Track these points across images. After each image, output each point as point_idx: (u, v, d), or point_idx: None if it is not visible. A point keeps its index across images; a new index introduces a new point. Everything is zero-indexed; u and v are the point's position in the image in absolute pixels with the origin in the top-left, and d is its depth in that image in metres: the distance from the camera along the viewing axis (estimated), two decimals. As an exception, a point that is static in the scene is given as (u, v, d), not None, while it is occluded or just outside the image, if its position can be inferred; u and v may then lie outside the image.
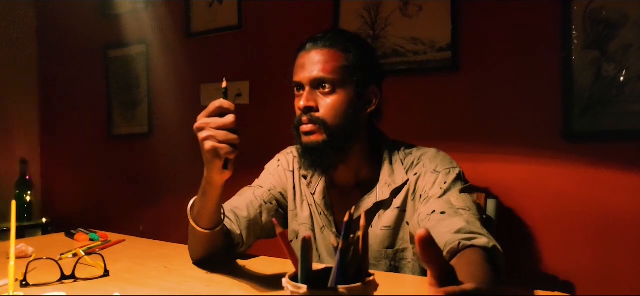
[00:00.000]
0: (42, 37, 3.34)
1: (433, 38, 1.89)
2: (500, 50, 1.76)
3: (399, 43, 1.97)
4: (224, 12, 2.48)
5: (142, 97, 2.83)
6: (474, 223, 0.95)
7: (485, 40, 1.79)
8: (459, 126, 1.85)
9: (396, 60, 1.97)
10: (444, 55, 1.87)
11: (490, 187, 1.66)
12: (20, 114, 3.28)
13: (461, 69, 1.83)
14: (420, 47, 1.92)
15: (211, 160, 0.93)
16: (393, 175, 1.17)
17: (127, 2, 2.86)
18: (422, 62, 1.92)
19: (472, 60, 1.81)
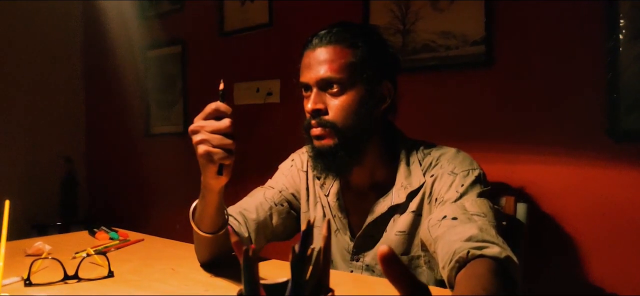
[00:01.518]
0: (87, 38, 3.45)
1: (465, 32, 1.79)
2: (538, 42, 1.64)
3: (430, 38, 1.87)
4: (255, 10, 2.46)
5: (178, 96, 2.86)
6: (487, 231, 0.86)
7: (521, 32, 1.68)
8: (492, 124, 1.74)
9: (427, 55, 1.88)
10: (477, 49, 1.76)
11: (524, 189, 1.55)
12: (66, 114, 3.39)
13: (495, 63, 1.72)
14: (452, 41, 1.82)
15: (205, 165, 0.89)
16: (410, 176, 1.10)
17: (164, 3, 2.91)
18: (454, 57, 1.82)
19: (507, 54, 1.70)
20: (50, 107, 3.27)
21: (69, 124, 3.40)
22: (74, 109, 3.43)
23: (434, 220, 0.96)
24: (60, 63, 3.34)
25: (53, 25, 3.28)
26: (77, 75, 3.45)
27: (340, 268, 1.17)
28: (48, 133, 3.26)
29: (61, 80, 3.35)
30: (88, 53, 3.46)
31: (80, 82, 3.46)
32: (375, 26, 1.14)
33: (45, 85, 3.24)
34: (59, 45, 3.33)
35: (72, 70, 3.42)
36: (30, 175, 3.16)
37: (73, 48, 3.42)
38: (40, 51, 3.20)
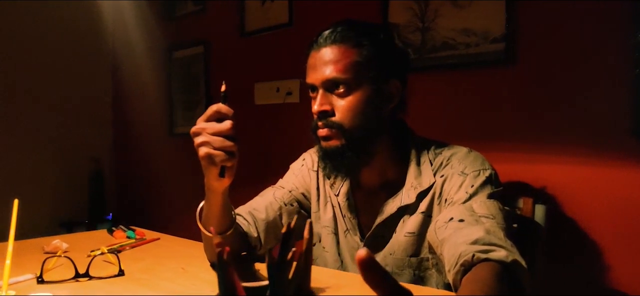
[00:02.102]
0: (116, 39, 3.53)
1: (486, 28, 1.75)
2: (560, 38, 1.59)
3: (450, 35, 1.84)
4: (275, 10, 2.46)
5: (201, 96, 2.89)
6: (495, 233, 0.84)
7: (543, 28, 1.62)
8: (511, 123, 1.70)
9: (446, 53, 1.84)
10: (498, 46, 1.72)
11: (544, 190, 1.50)
12: (95, 114, 3.47)
13: (517, 61, 1.68)
14: (473, 38, 1.78)
15: (207, 167, 0.90)
16: (420, 176, 1.07)
17: (188, 4, 2.94)
18: (474, 54, 1.78)
19: (528, 51, 1.65)
20: (79, 108, 3.35)
21: (97, 124, 3.48)
22: (102, 110, 3.51)
23: (440, 221, 0.94)
24: (89, 64, 3.42)
25: (83, 26, 3.36)
26: (106, 76, 3.52)
27: (350, 269, 1.15)
28: (77, 134, 3.34)
29: (90, 82, 3.43)
30: (116, 54, 3.53)
31: (108, 83, 3.54)
32: (380, 24, 1.11)
33: (75, 87, 3.32)
34: (89, 46, 3.41)
35: (101, 72, 3.50)
36: (59, 174, 3.25)
37: (102, 49, 3.50)
38: (70, 52, 3.28)
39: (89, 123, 3.42)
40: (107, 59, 3.53)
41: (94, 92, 3.46)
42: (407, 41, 1.95)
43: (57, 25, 3.21)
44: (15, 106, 3.04)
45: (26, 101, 3.09)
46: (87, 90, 3.40)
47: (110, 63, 3.55)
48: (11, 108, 3.02)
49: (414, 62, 1.92)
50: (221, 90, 0.94)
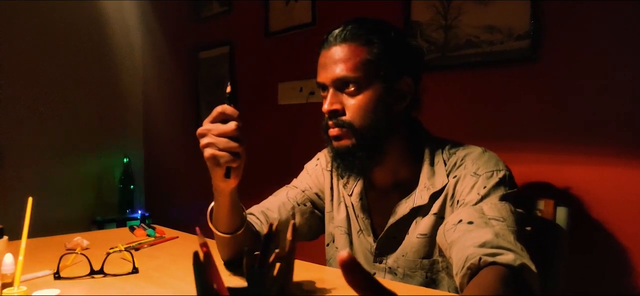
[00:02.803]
0: (146, 41, 3.60)
1: (510, 25, 1.70)
2: (588, 35, 1.53)
3: (473, 33, 1.80)
4: (299, 9, 2.46)
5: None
6: (504, 236, 0.81)
7: (570, 24, 1.57)
8: (535, 123, 1.65)
9: (470, 51, 1.80)
10: (523, 44, 1.67)
11: (569, 191, 1.45)
12: (126, 115, 3.55)
13: (542, 58, 1.63)
14: (497, 36, 1.74)
15: (212, 168, 0.90)
16: (433, 177, 1.05)
17: (214, 4, 2.98)
18: (498, 52, 1.73)
19: (554, 48, 1.60)
20: (111, 109, 3.44)
21: (128, 125, 3.56)
22: (132, 109, 3.58)
23: (449, 224, 0.91)
24: (120, 65, 3.50)
25: (114, 27, 3.45)
26: (136, 77, 3.60)
27: None
28: (109, 134, 3.43)
29: (121, 82, 3.52)
30: (145, 55, 3.61)
31: (139, 83, 3.62)
32: (391, 22, 1.09)
33: (107, 87, 3.41)
34: (120, 47, 3.50)
35: (132, 72, 3.58)
36: (92, 173, 3.34)
37: (132, 50, 3.58)
38: (102, 53, 3.37)
39: (120, 123, 3.51)
40: (138, 60, 3.61)
41: (124, 93, 3.54)
42: (430, 39, 1.92)
43: (89, 26, 3.30)
44: (49, 107, 3.14)
45: (59, 102, 3.18)
46: (118, 90, 3.48)
47: (141, 64, 3.62)
48: (45, 108, 3.12)
49: (436, 60, 1.89)
50: (226, 91, 0.94)
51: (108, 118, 3.42)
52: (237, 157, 0.88)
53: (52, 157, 3.13)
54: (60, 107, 3.19)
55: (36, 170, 3.05)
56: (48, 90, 3.13)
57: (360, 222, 1.15)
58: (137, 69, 3.61)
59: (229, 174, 0.91)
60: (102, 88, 3.38)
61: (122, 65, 3.50)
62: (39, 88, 3.10)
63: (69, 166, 3.21)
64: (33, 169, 3.04)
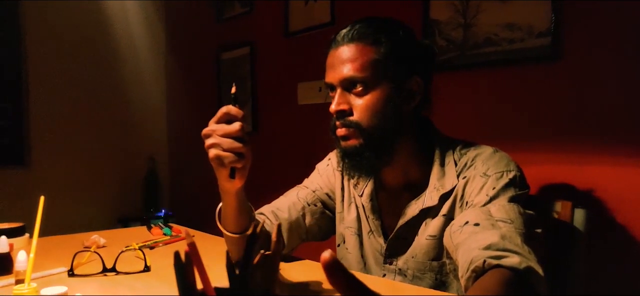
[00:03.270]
0: (169, 43, 3.66)
1: (531, 22, 1.66)
2: (610, 32, 1.48)
3: (493, 31, 1.76)
4: (318, 9, 2.46)
5: (247, 97, 2.94)
6: (511, 239, 0.79)
7: (593, 21, 1.52)
8: (556, 122, 1.60)
9: (489, 50, 1.77)
10: (544, 41, 1.63)
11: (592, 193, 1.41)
12: (151, 115, 3.61)
13: (563, 57, 1.58)
14: (517, 33, 1.70)
15: (217, 169, 0.90)
16: (443, 178, 1.03)
17: (236, 5, 3.00)
18: (517, 50, 1.70)
19: (576, 46, 1.56)
20: (136, 109, 3.51)
21: (153, 125, 3.62)
22: (156, 110, 3.64)
23: (456, 225, 0.89)
24: (146, 67, 3.57)
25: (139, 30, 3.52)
26: (160, 78, 3.66)
27: (373, 271, 1.13)
28: (134, 134, 3.49)
29: (147, 83, 3.58)
30: (169, 56, 3.66)
31: (163, 84, 3.67)
32: (400, 21, 1.07)
33: (132, 88, 3.47)
34: (145, 50, 3.56)
35: (156, 74, 3.64)
36: (117, 173, 3.41)
37: (158, 52, 3.64)
38: (128, 56, 3.44)
39: (145, 123, 3.57)
40: (162, 61, 3.67)
41: (149, 93, 3.60)
42: (448, 38, 1.89)
43: (114, 28, 3.37)
44: (76, 108, 3.22)
45: (86, 103, 3.26)
46: (143, 91, 3.55)
47: (164, 65, 3.68)
48: (72, 110, 3.21)
49: (455, 59, 1.87)
50: (231, 92, 0.94)
51: (133, 118, 3.49)
52: (241, 158, 0.89)
53: (78, 157, 3.21)
54: (87, 108, 3.27)
55: (63, 170, 3.13)
56: (74, 92, 3.22)
57: (370, 222, 1.14)
58: (161, 70, 3.67)
59: (233, 175, 0.91)
60: (128, 89, 3.45)
61: (146, 67, 3.57)
62: (66, 90, 3.18)
63: (95, 166, 3.29)
64: (60, 169, 3.12)
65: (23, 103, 3.05)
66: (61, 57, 3.16)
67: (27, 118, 3.06)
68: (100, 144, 3.33)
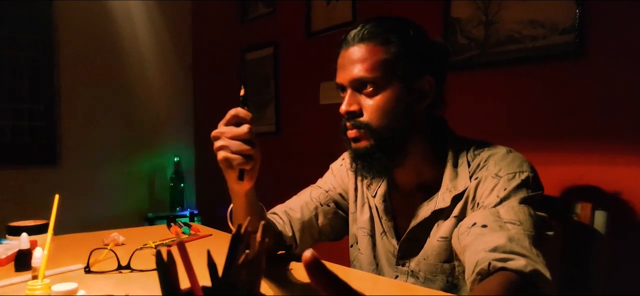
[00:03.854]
0: (196, 41, 3.71)
1: (554, 19, 1.62)
2: (638, 29, 1.43)
3: (515, 28, 1.73)
4: (339, 8, 2.46)
5: (271, 97, 2.96)
6: (519, 241, 0.77)
7: (618, 17, 1.47)
8: (579, 122, 1.56)
9: (511, 47, 1.73)
10: (567, 38, 1.59)
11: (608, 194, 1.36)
12: (178, 116, 3.67)
13: (587, 54, 1.54)
14: (539, 30, 1.66)
15: (225, 170, 0.91)
16: (456, 179, 1.02)
17: (259, 5, 3.02)
18: (540, 48, 1.66)
19: (600, 43, 1.51)
20: (163, 109, 3.57)
21: (180, 125, 3.68)
22: (184, 110, 3.70)
23: (463, 227, 0.88)
24: (173, 67, 3.63)
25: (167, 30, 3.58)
26: (187, 78, 3.72)
27: (386, 273, 1.12)
28: (161, 134, 3.56)
29: (174, 83, 3.64)
30: (196, 57, 3.72)
31: (190, 84, 3.73)
32: (411, 20, 1.06)
33: (160, 89, 3.54)
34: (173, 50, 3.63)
35: (184, 74, 3.70)
36: (145, 172, 3.48)
37: (184, 53, 3.70)
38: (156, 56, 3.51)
39: (172, 123, 3.63)
40: (188, 61, 3.72)
41: (176, 93, 3.66)
42: (470, 36, 1.86)
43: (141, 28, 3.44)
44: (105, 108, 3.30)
45: (114, 103, 3.34)
46: (169, 91, 3.61)
47: (191, 65, 3.74)
48: (101, 110, 3.29)
49: (476, 57, 1.84)
50: (240, 94, 0.94)
51: (160, 118, 3.55)
52: (249, 160, 0.89)
53: (107, 156, 3.29)
54: (116, 109, 3.34)
55: (93, 169, 3.22)
56: (103, 93, 3.30)
57: (383, 223, 1.13)
58: (188, 70, 3.72)
59: (242, 176, 0.92)
60: (155, 90, 3.52)
61: (173, 67, 3.63)
62: (95, 91, 3.26)
63: (123, 165, 3.37)
64: (90, 168, 3.21)
65: (55, 104, 3.15)
66: (90, 58, 3.25)
67: (59, 119, 3.15)
68: (128, 144, 3.40)
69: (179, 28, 3.67)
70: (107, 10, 3.29)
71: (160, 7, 3.51)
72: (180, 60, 3.68)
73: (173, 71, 3.63)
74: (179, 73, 3.68)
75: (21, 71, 3.09)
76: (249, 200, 0.99)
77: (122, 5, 3.35)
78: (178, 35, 3.66)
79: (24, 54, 3.10)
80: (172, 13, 3.61)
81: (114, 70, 3.34)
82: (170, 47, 3.61)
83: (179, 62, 3.67)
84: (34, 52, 3.12)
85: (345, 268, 1.13)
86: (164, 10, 3.54)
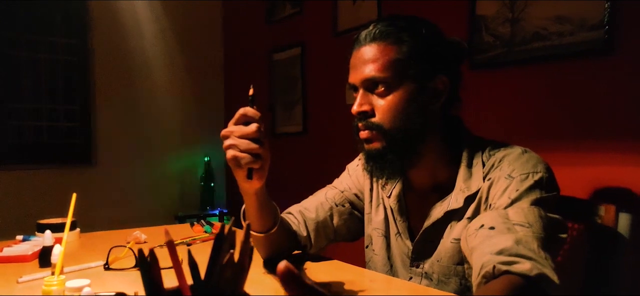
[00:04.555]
0: (227, 43, 3.76)
1: (583, 15, 1.57)
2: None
3: (542, 25, 1.68)
4: (365, 8, 2.45)
5: (298, 97, 2.97)
6: (527, 244, 0.75)
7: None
8: (608, 121, 1.50)
9: (537, 45, 1.69)
10: (596, 34, 1.53)
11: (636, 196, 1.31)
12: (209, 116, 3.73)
13: (617, 50, 1.48)
14: (567, 27, 1.61)
15: (234, 169, 0.92)
16: (469, 179, 0.99)
17: (287, 6, 3.04)
18: (568, 45, 1.61)
19: (630, 38, 1.45)
20: (194, 110, 3.64)
21: (210, 125, 3.74)
22: (214, 110, 3.75)
23: (472, 228, 0.86)
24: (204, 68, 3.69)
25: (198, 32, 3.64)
26: (218, 79, 3.78)
27: (400, 274, 1.11)
28: (193, 134, 3.62)
29: (204, 84, 3.70)
30: (227, 58, 3.77)
31: (220, 85, 3.79)
32: (424, 18, 1.04)
33: (191, 89, 3.61)
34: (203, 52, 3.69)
35: (214, 75, 3.76)
36: (177, 171, 3.55)
37: (215, 54, 3.76)
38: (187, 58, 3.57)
39: (203, 123, 3.69)
40: (218, 62, 3.78)
41: (206, 94, 3.72)
42: (495, 34, 1.82)
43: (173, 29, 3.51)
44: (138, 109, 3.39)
45: (147, 104, 3.42)
46: (200, 92, 3.67)
47: (221, 66, 3.79)
48: (134, 111, 3.37)
49: (502, 56, 1.80)
50: (248, 94, 0.95)
51: (191, 119, 3.62)
52: (258, 159, 0.90)
53: (140, 156, 3.37)
54: (147, 109, 3.42)
55: (125, 169, 3.30)
56: (136, 94, 3.38)
57: (398, 224, 1.11)
58: (218, 71, 3.78)
59: (250, 175, 0.92)
60: (186, 90, 3.58)
61: (204, 68, 3.69)
62: (128, 91, 3.35)
63: (155, 165, 3.44)
64: (122, 168, 3.30)
65: (90, 105, 3.25)
66: (123, 60, 3.33)
67: (94, 120, 3.25)
68: (160, 144, 3.48)
69: (210, 29, 3.72)
70: (140, 13, 3.37)
71: (192, 8, 3.58)
72: (211, 61, 3.74)
73: (204, 72, 3.70)
74: (210, 74, 3.73)
75: (57, 73, 3.21)
76: (260, 199, 0.99)
77: (156, 6, 3.42)
78: (209, 36, 3.72)
79: (61, 57, 3.21)
80: (204, 14, 3.67)
81: (147, 71, 3.42)
82: (201, 48, 3.67)
83: (210, 62, 3.73)
84: (70, 54, 3.23)
85: (359, 268, 1.13)
86: (196, 11, 3.60)
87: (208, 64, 3.72)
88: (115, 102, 3.30)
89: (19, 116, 3.09)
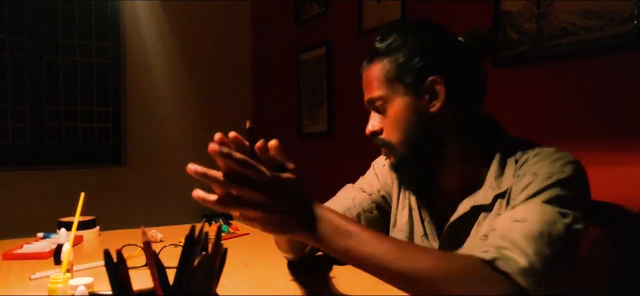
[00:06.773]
0: (255, 43, 3.79)
1: (611, 8, 1.50)
2: None
3: (569, 20, 1.61)
4: (389, 7, 2.42)
5: (323, 97, 2.96)
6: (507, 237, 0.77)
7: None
8: (639, 119, 1.43)
9: (564, 41, 1.62)
10: (626, 28, 1.46)
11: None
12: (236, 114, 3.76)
13: (648, 44, 1.41)
14: (595, 21, 1.54)
15: None
16: (500, 177, 0.96)
17: (313, 6, 3.04)
18: (596, 40, 1.54)
19: (663, 32, 1.38)
20: (223, 109, 3.68)
21: (239, 125, 3.77)
22: (243, 110, 3.79)
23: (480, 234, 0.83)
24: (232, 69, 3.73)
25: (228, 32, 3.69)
26: (247, 79, 3.81)
27: None
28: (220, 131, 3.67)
29: (233, 85, 3.74)
30: (255, 59, 3.80)
31: (248, 85, 3.82)
32: (414, 22, 1.02)
33: (219, 89, 3.65)
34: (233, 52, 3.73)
35: (242, 75, 3.79)
36: (204, 171, 3.60)
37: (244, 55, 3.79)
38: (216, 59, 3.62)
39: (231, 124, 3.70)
40: (248, 62, 3.81)
41: (235, 94, 3.76)
42: (521, 30, 1.76)
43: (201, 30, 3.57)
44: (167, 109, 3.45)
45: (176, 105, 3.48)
46: (228, 92, 3.71)
47: (250, 66, 3.82)
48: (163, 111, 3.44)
49: (528, 52, 1.74)
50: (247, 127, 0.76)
51: (219, 118, 3.66)
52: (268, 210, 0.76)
53: (169, 156, 3.43)
54: (177, 110, 3.48)
55: (155, 169, 3.37)
56: (165, 94, 3.44)
57: (425, 225, 1.09)
58: (246, 72, 3.81)
59: None
60: (215, 91, 3.63)
61: (234, 69, 3.73)
62: (158, 92, 3.42)
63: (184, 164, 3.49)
64: (153, 168, 3.36)
65: (121, 106, 3.33)
66: (154, 61, 3.40)
67: (125, 121, 3.33)
68: (189, 143, 3.53)
69: (240, 29, 3.76)
70: (170, 14, 3.44)
71: (222, 9, 3.62)
72: (240, 62, 3.77)
73: (232, 72, 3.73)
74: (238, 74, 3.77)
75: (91, 76, 3.30)
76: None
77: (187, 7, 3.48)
78: (239, 36, 3.76)
79: (94, 60, 3.30)
80: (234, 14, 3.71)
81: (176, 73, 3.48)
82: (230, 49, 3.71)
83: (238, 63, 3.77)
84: (103, 57, 3.32)
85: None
86: (226, 12, 3.64)
87: (236, 64, 3.76)
88: (146, 103, 3.37)
89: (56, 118, 3.20)
